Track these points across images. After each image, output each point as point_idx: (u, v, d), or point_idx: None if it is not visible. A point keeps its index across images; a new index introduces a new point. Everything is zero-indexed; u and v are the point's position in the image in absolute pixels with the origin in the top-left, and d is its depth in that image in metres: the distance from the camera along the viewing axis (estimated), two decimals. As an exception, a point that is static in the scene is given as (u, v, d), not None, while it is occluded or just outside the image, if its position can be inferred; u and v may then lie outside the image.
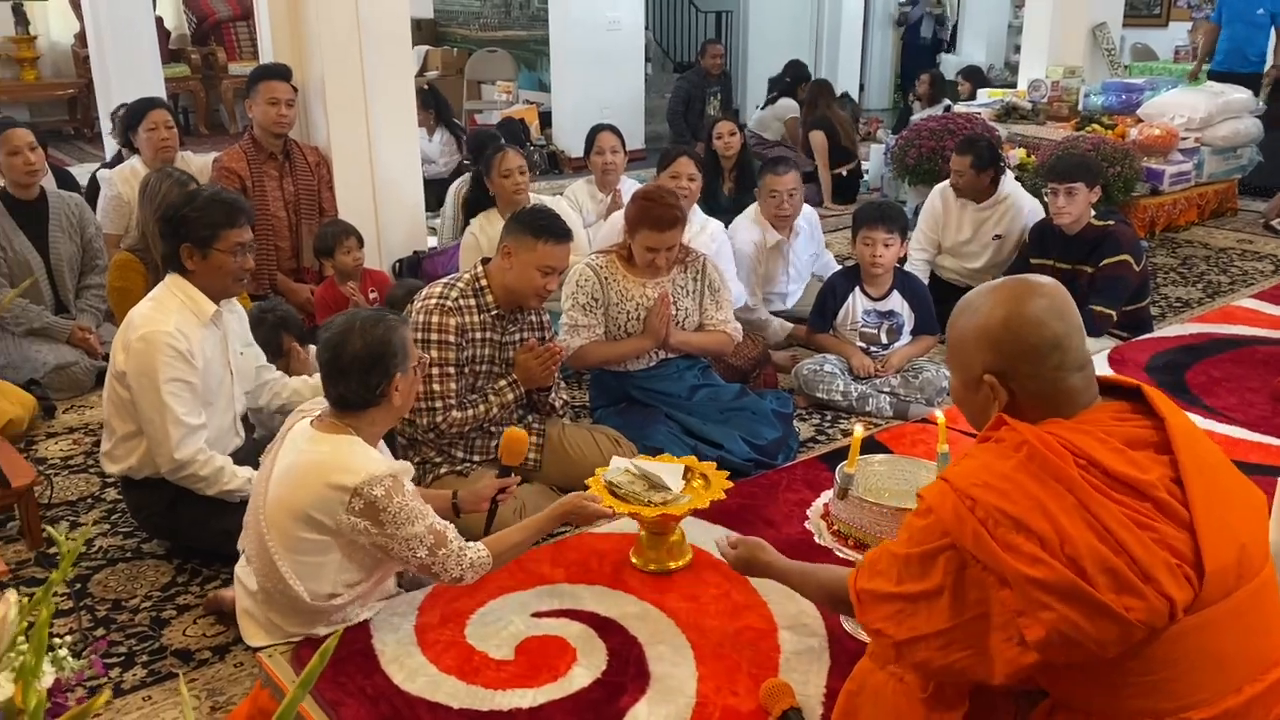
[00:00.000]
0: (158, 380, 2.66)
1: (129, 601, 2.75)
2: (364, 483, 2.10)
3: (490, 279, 3.02)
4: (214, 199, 2.81)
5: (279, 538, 2.18)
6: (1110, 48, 7.68)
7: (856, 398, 3.85)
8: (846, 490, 2.18)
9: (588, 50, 8.83)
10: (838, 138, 7.27)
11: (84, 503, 3.27)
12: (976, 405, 1.66)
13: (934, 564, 1.52)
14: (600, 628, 2.28)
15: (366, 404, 2.21)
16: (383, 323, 2.23)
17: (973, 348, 1.62)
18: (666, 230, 3.37)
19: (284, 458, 2.23)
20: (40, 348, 3.98)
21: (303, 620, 2.25)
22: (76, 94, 10.11)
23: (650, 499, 2.51)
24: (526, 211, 3.09)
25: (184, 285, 2.78)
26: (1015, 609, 1.45)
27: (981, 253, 4.76)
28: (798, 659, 2.18)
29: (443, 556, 2.18)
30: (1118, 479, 1.48)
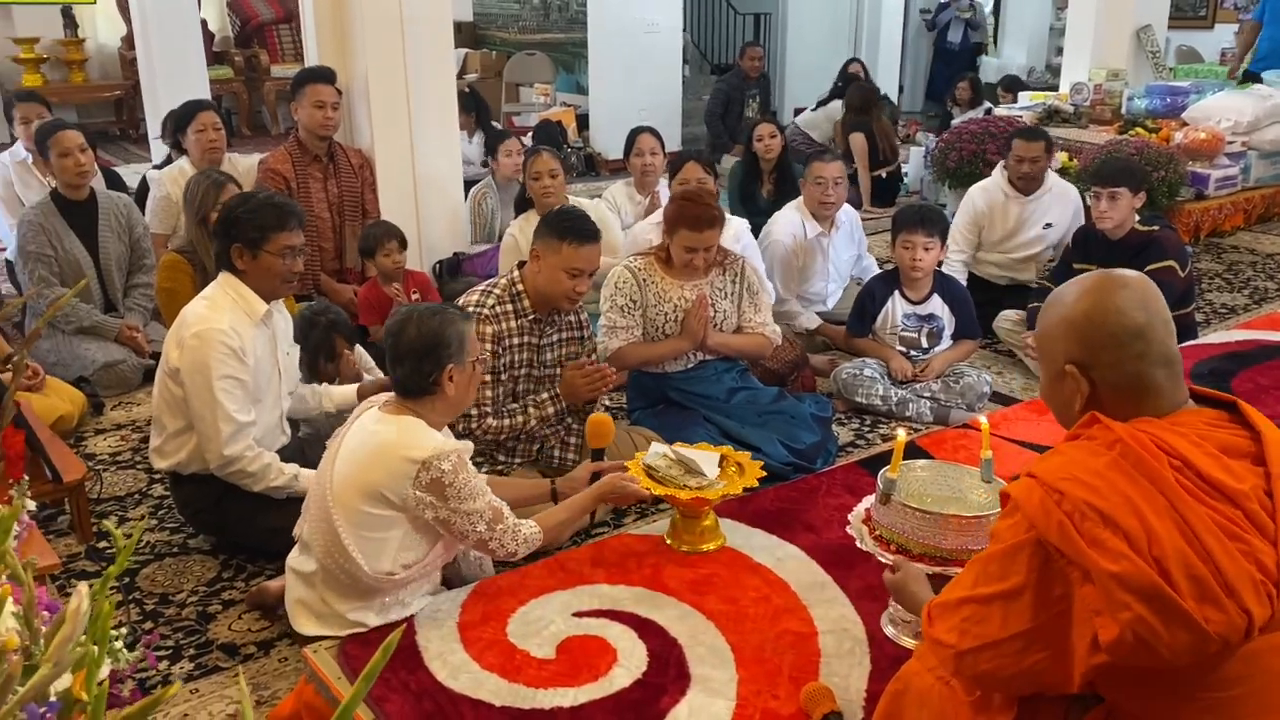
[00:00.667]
0: (210, 377, 2.71)
1: (176, 596, 2.80)
2: (432, 456, 2.20)
3: (526, 283, 3.04)
4: (266, 202, 2.88)
5: (344, 513, 2.24)
6: (1155, 50, 7.59)
7: (896, 402, 3.84)
8: (889, 495, 2.18)
9: (625, 53, 8.85)
10: (878, 141, 7.24)
11: (131, 498, 3.33)
12: (1062, 399, 1.64)
13: (1016, 561, 1.49)
14: (640, 628, 2.29)
15: (422, 391, 2.30)
16: (440, 315, 2.33)
17: (1057, 338, 1.62)
18: (704, 230, 3.37)
19: (352, 439, 2.31)
20: (89, 345, 4.05)
21: (358, 600, 2.29)
22: (123, 96, 10.26)
23: (686, 483, 2.61)
24: (553, 214, 3.10)
25: (236, 284, 2.83)
26: (1094, 607, 1.42)
27: (1028, 243, 4.76)
28: (838, 662, 2.18)
29: (500, 532, 2.30)
30: (1211, 484, 1.45)
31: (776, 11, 11.54)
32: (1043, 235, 4.71)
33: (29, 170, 4.83)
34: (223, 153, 4.59)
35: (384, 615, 2.30)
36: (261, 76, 10.55)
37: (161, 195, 4.60)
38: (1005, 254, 4.80)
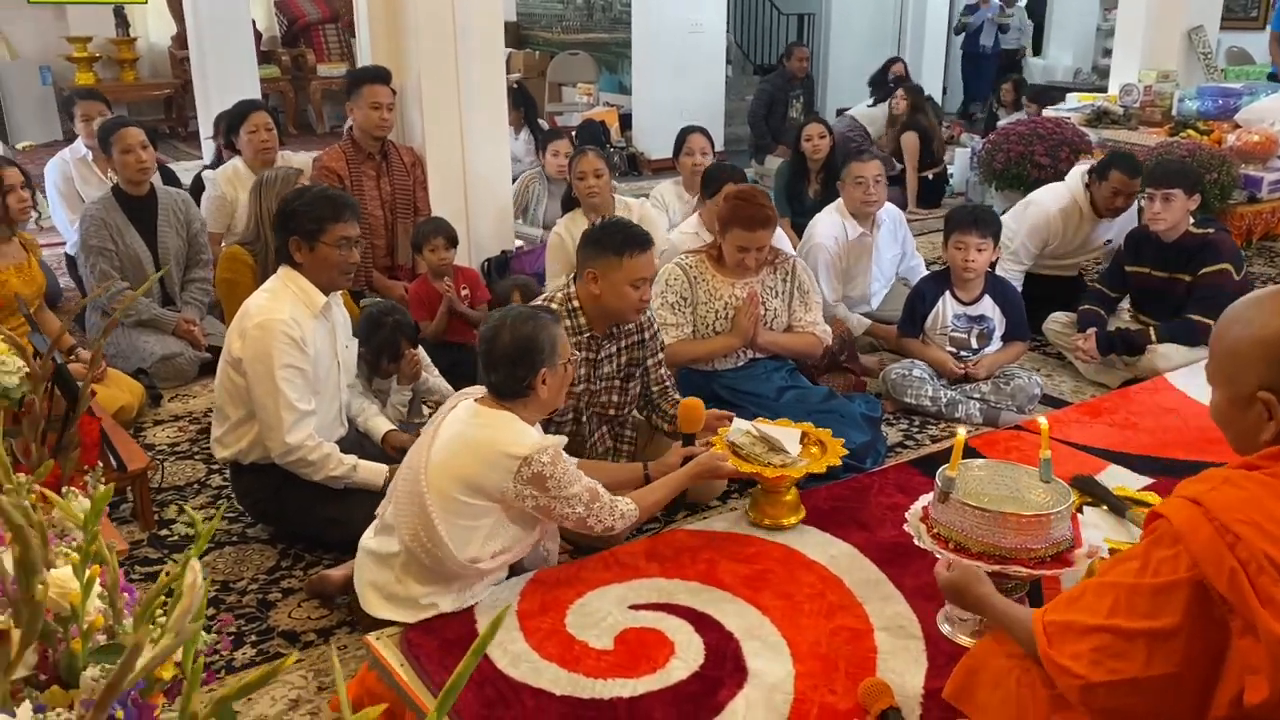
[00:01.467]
0: (273, 366, 2.76)
1: (236, 584, 2.85)
2: (532, 453, 2.28)
3: (582, 301, 2.95)
4: (322, 194, 2.93)
5: (439, 500, 2.29)
6: (1206, 51, 7.50)
7: (945, 403, 3.83)
8: (948, 493, 2.18)
9: (669, 53, 8.88)
10: (927, 141, 7.22)
11: (191, 488, 3.40)
12: (1245, 425, 1.49)
13: (1172, 600, 1.37)
14: (696, 622, 2.31)
15: (515, 394, 2.38)
16: (533, 320, 2.39)
17: (1248, 361, 1.46)
18: (757, 230, 3.39)
19: (449, 428, 2.37)
20: (148, 338, 4.13)
21: (436, 585, 2.33)
22: (172, 94, 10.45)
23: (770, 460, 2.73)
24: (600, 229, 2.98)
25: (296, 277, 2.88)
26: (1252, 665, 1.31)
27: (1086, 252, 4.77)
28: (895, 659, 2.19)
29: (598, 509, 2.41)
30: None
31: (820, 12, 11.52)
32: (1105, 251, 4.75)
33: (89, 167, 4.93)
34: (275, 152, 4.67)
35: (458, 602, 2.35)
36: (308, 76, 10.69)
37: (216, 195, 4.68)
38: (1059, 259, 4.77)
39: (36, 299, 3.76)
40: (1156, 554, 1.39)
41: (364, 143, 4.52)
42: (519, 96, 7.23)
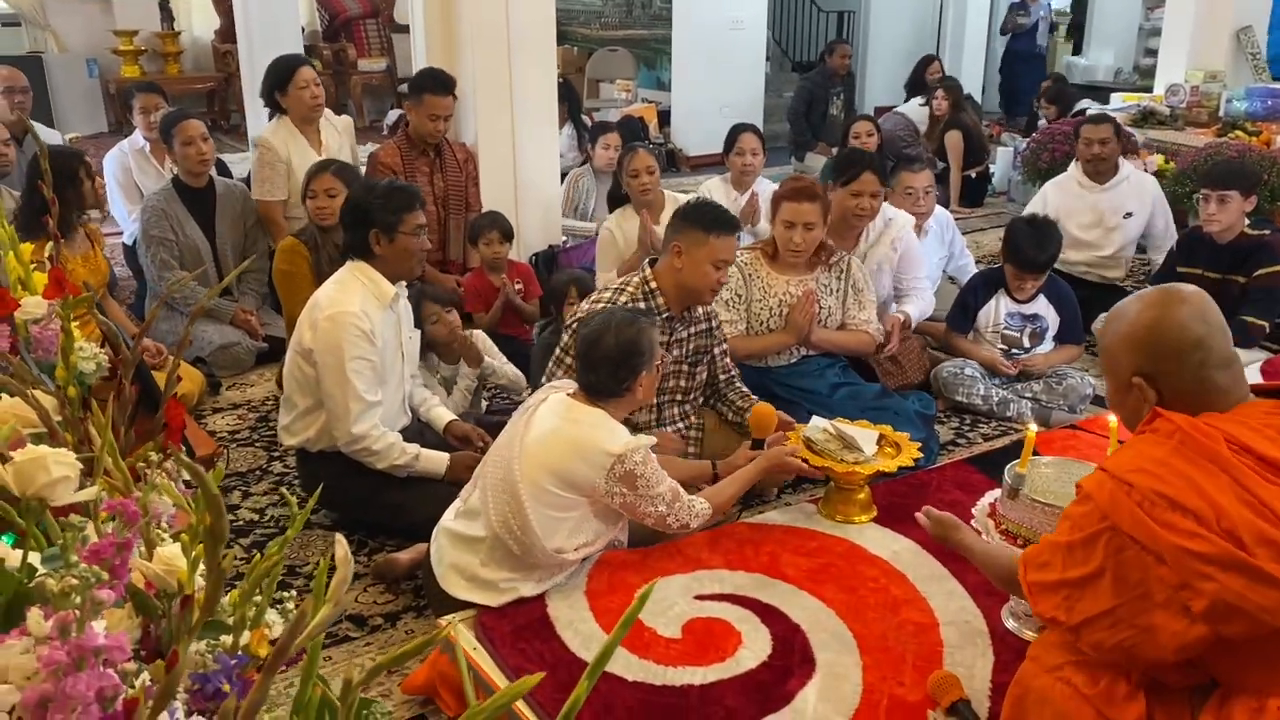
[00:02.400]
0: (343, 358, 2.82)
1: (302, 568, 2.91)
2: (626, 451, 2.37)
3: (660, 280, 3.02)
4: (392, 187, 3.01)
5: (530, 489, 2.35)
6: (1255, 51, 7.43)
7: (997, 402, 3.84)
8: (1017, 490, 2.20)
9: (709, 49, 8.89)
10: (972, 140, 7.20)
11: (253, 474, 3.46)
12: (1129, 407, 1.76)
13: (1094, 548, 1.61)
14: (762, 613, 2.34)
15: (613, 394, 2.46)
16: (635, 324, 2.46)
17: (1122, 352, 1.74)
18: (803, 201, 3.42)
19: (543, 421, 2.43)
20: (206, 328, 4.20)
21: (519, 571, 2.38)
22: (215, 87, 10.55)
23: (843, 457, 2.80)
24: (692, 207, 3.08)
25: (365, 269, 2.94)
26: (1175, 584, 1.53)
27: (1109, 236, 4.72)
28: (961, 653, 2.21)
29: (678, 509, 2.48)
30: (1271, 463, 1.56)
31: (860, 10, 11.49)
32: (1123, 225, 4.68)
33: (147, 158, 5.00)
34: (322, 110, 4.62)
35: (538, 586, 2.39)
36: (349, 70, 10.77)
37: (268, 157, 4.43)
38: (1090, 250, 4.76)
39: (101, 288, 3.83)
40: (1077, 511, 1.67)
41: (419, 141, 4.57)
42: (563, 91, 7.26)
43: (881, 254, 3.99)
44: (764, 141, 5.02)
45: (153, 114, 4.83)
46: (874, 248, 4.00)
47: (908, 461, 2.85)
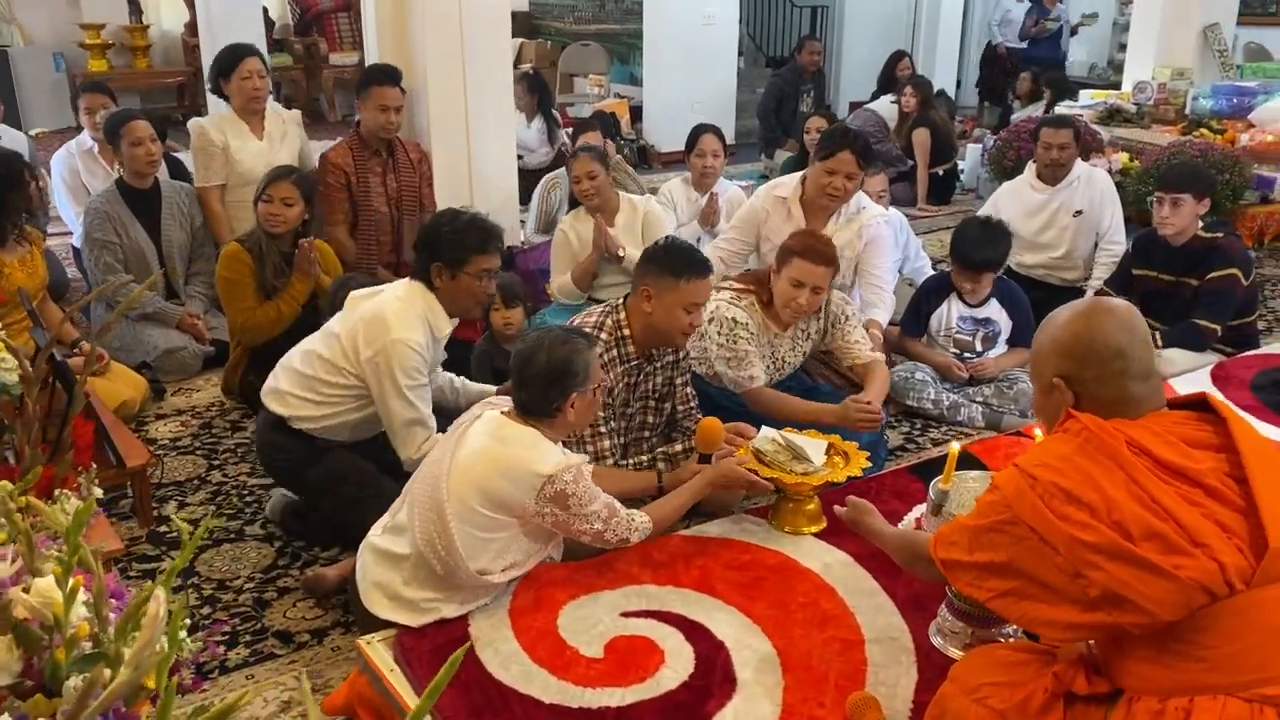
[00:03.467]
0: (403, 385, 2.80)
1: (233, 582, 2.86)
2: (558, 470, 2.31)
3: (631, 324, 2.94)
4: (472, 223, 2.89)
5: (457, 509, 2.30)
6: (1222, 49, 7.42)
7: (948, 406, 3.81)
8: (940, 506, 2.17)
9: (681, 45, 8.84)
10: (940, 137, 7.17)
11: (191, 484, 3.41)
12: (1050, 409, 1.84)
13: (1000, 536, 1.72)
14: (688, 631, 2.30)
15: (543, 414, 2.39)
16: (569, 344, 2.40)
17: (1048, 356, 1.83)
18: (820, 266, 3.21)
19: (475, 439, 2.38)
20: (151, 332, 4.14)
21: (442, 591, 2.34)
22: (185, 81, 10.44)
23: (792, 468, 2.76)
24: (661, 250, 2.95)
25: (429, 298, 2.89)
26: (1070, 572, 1.63)
27: (1061, 237, 4.71)
28: (885, 672, 2.18)
29: (615, 524, 2.44)
30: (1167, 466, 1.65)
31: (833, 5, 11.44)
32: (1074, 224, 4.66)
33: (94, 159, 4.93)
34: (265, 101, 4.58)
35: (461, 608, 2.35)
36: (320, 64, 10.68)
37: (201, 143, 4.42)
38: (1045, 251, 4.74)
39: (39, 292, 3.77)
40: (986, 499, 1.78)
41: (370, 140, 4.51)
42: (533, 83, 7.21)
43: (845, 239, 3.92)
44: (725, 143, 4.97)
45: (98, 114, 4.76)
46: (840, 231, 3.93)
47: (856, 471, 2.81)
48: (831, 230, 3.92)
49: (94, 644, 1.44)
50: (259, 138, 4.54)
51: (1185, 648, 1.60)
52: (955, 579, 1.84)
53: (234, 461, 3.55)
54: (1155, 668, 1.63)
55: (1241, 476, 1.63)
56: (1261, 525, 1.57)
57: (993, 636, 2.19)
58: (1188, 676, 1.59)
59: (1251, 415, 3.46)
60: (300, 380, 2.95)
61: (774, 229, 3.95)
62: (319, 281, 3.80)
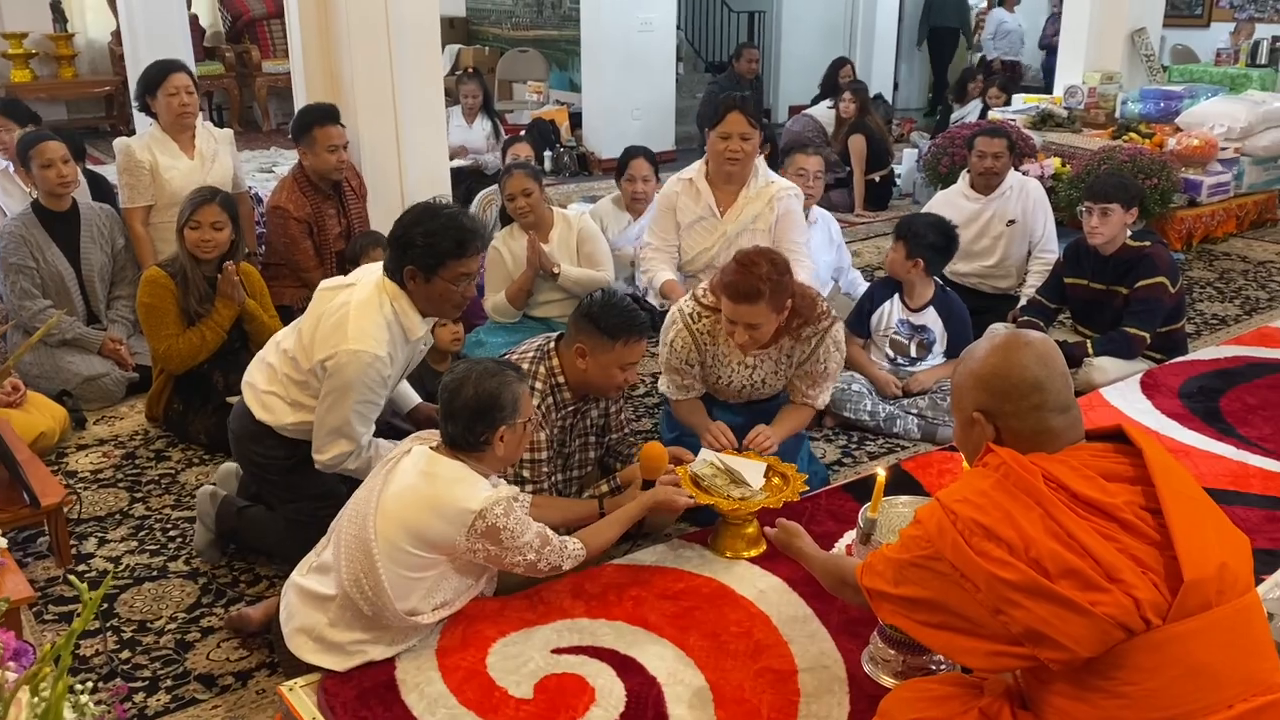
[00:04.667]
0: (351, 398, 2.66)
1: (154, 623, 2.77)
2: (486, 507, 2.25)
3: (565, 371, 2.86)
4: (449, 224, 2.66)
5: (385, 549, 2.24)
6: (1149, 54, 7.55)
7: (884, 418, 3.82)
8: (869, 535, 2.16)
9: (619, 51, 8.79)
10: (876, 144, 7.21)
11: (112, 518, 3.30)
12: (971, 442, 1.85)
13: (923, 571, 1.74)
14: (619, 666, 2.27)
15: (471, 448, 2.33)
16: (497, 377, 2.34)
17: (967, 390, 1.84)
18: (741, 304, 2.95)
19: (402, 476, 2.32)
20: (72, 358, 4.01)
21: (372, 632, 2.28)
22: (113, 91, 10.20)
23: (730, 493, 2.73)
24: (599, 309, 2.80)
25: (400, 299, 2.71)
26: (991, 609, 1.64)
27: (994, 246, 4.74)
28: (817, 703, 2.17)
29: (548, 553, 2.38)
30: (1084, 500, 1.66)
31: (771, 10, 11.49)
32: (1007, 233, 4.70)
33: (10, 179, 4.76)
34: (194, 117, 4.45)
35: (389, 650, 2.29)
36: (253, 72, 10.50)
37: (127, 163, 4.29)
38: (976, 259, 4.78)
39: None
40: (909, 533, 1.79)
41: (320, 183, 4.40)
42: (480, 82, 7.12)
43: (756, 210, 3.90)
44: (656, 165, 4.87)
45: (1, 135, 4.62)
46: (751, 203, 3.90)
47: (793, 496, 2.75)
48: (742, 202, 3.92)
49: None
50: (190, 156, 4.42)
51: (1105, 684, 1.61)
52: (879, 608, 1.84)
53: (157, 494, 3.45)
54: (1077, 704, 1.63)
55: (1157, 508, 1.64)
56: (1176, 559, 1.58)
57: (924, 664, 2.19)
58: (1108, 713, 1.60)
59: (1179, 423, 3.52)
60: (272, 377, 2.83)
61: (685, 210, 4.01)
62: (244, 306, 3.70)
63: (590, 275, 4.27)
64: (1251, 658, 1.62)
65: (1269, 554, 2.62)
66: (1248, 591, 1.65)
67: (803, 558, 2.28)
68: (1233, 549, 1.66)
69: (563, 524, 2.63)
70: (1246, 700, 1.58)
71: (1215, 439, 3.41)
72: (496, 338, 4.22)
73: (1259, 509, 2.97)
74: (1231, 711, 1.57)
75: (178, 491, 3.45)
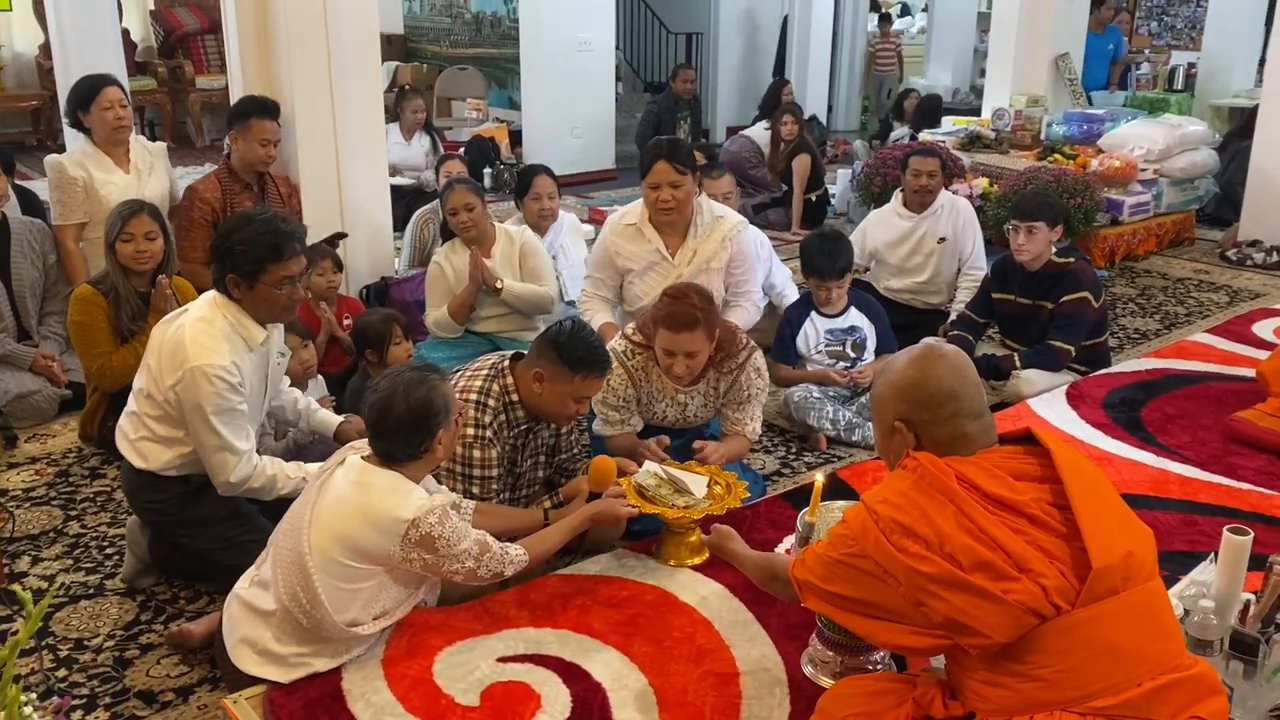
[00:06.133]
0: (209, 412, 2.66)
1: (91, 641, 2.73)
2: (420, 515, 2.25)
3: (520, 390, 2.87)
4: (264, 230, 2.71)
5: (320, 562, 2.24)
6: (1072, 78, 7.82)
7: (844, 427, 3.91)
8: (808, 539, 2.22)
9: (558, 69, 8.86)
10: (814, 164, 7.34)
11: (46, 536, 3.25)
12: (892, 451, 1.96)
13: (849, 569, 1.84)
14: (564, 673, 2.30)
15: (410, 458, 2.34)
16: (425, 384, 2.33)
17: (887, 400, 1.95)
18: (682, 332, 3.05)
19: (335, 488, 2.32)
20: (2, 376, 3.93)
21: (314, 644, 2.29)
22: (40, 106, 10.01)
23: (674, 502, 2.79)
24: (565, 337, 2.81)
25: (232, 309, 2.74)
26: (913, 601, 1.75)
27: (926, 263, 4.87)
28: (759, 704, 2.22)
29: (488, 559, 2.39)
30: (993, 498, 1.77)
31: (707, 32, 11.65)
32: (938, 250, 4.83)
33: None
34: (129, 132, 4.41)
35: (333, 661, 2.30)
36: (186, 88, 10.38)
37: (59, 180, 4.24)
38: (910, 276, 4.91)
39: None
40: (837, 532, 1.90)
41: (243, 173, 4.39)
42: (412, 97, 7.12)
43: (710, 250, 3.90)
44: (558, 183, 4.83)
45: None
46: (703, 243, 3.91)
47: (736, 503, 2.83)
48: (693, 244, 3.92)
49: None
50: (125, 171, 4.37)
51: (1022, 668, 1.71)
52: (808, 599, 1.95)
53: (93, 511, 3.40)
54: (998, 690, 1.73)
55: (1064, 504, 1.76)
56: (1084, 549, 1.70)
57: (861, 665, 2.25)
58: (1026, 695, 1.70)
59: (1103, 432, 3.65)
60: (137, 423, 2.84)
61: (631, 256, 3.97)
62: None
63: (533, 290, 4.30)
64: (1158, 639, 1.73)
65: (1186, 555, 2.74)
66: (1152, 579, 1.78)
67: (735, 558, 2.40)
68: (1137, 539, 1.78)
69: (506, 532, 2.64)
70: (1154, 679, 1.69)
71: (1137, 447, 3.54)
72: (438, 353, 4.22)
73: (1177, 513, 3.09)
74: (1141, 689, 1.67)
75: (113, 509, 3.40)
